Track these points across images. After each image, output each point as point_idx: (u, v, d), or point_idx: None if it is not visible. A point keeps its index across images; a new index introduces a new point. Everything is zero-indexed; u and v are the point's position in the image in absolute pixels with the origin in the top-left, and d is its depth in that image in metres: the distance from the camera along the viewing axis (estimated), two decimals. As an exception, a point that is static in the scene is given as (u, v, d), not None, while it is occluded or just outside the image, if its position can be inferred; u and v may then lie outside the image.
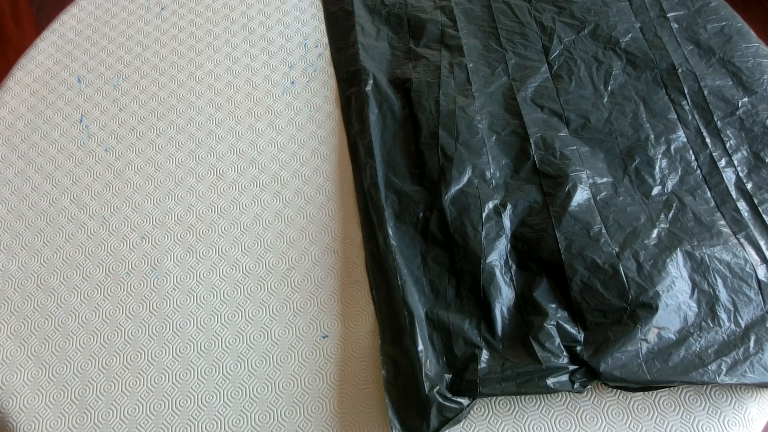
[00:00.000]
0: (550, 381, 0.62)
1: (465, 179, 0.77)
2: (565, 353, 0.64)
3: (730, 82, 0.86)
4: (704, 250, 0.69)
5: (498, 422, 0.64)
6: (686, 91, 0.85)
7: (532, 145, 0.80)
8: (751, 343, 0.64)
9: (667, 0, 0.97)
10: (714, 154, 0.79)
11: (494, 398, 0.65)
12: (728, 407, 0.63)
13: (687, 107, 0.84)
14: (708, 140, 0.81)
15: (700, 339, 0.64)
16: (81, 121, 0.91)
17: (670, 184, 0.77)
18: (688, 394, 0.64)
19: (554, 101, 0.85)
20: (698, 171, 0.78)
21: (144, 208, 0.82)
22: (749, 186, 0.76)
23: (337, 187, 0.82)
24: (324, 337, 0.71)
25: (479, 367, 0.64)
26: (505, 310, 0.68)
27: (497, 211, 0.74)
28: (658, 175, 0.77)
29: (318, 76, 0.94)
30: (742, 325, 0.65)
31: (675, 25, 0.94)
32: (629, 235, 0.71)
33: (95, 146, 0.89)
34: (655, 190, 0.76)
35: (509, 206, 0.74)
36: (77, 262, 0.78)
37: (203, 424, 0.67)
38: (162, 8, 1.04)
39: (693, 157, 0.79)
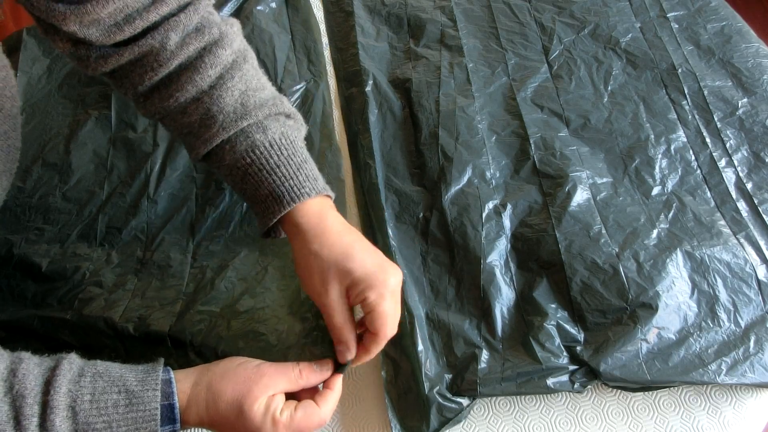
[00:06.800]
0: (550, 381, 0.62)
1: (465, 179, 0.77)
2: (565, 353, 0.64)
3: (730, 83, 0.86)
4: (704, 250, 0.69)
5: (498, 422, 0.64)
6: (686, 91, 0.85)
7: (532, 146, 0.80)
8: (751, 343, 0.64)
9: (667, 0, 0.97)
10: (714, 154, 0.79)
11: (494, 398, 0.65)
12: (728, 407, 0.63)
13: (687, 107, 0.84)
14: (708, 140, 0.81)
15: (700, 339, 0.64)
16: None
17: (670, 184, 0.77)
18: (688, 394, 0.64)
19: (554, 101, 0.85)
20: (698, 171, 0.78)
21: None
22: (749, 186, 0.76)
23: (337, 187, 0.82)
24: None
25: (479, 367, 0.64)
26: (505, 310, 0.68)
27: (497, 211, 0.74)
28: (658, 175, 0.77)
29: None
30: (742, 325, 0.65)
31: (675, 25, 0.94)
32: (629, 236, 0.71)
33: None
34: (655, 190, 0.76)
35: (509, 206, 0.74)
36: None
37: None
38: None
39: (693, 157, 0.79)
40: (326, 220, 0.59)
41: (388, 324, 0.56)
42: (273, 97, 0.63)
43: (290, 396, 0.55)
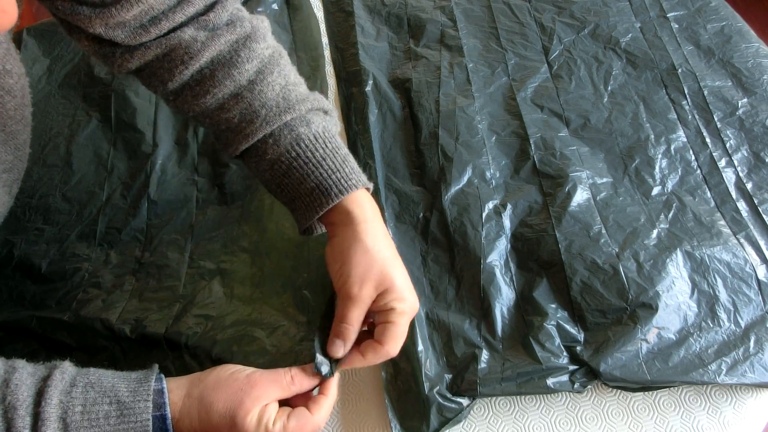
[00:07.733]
0: (550, 381, 0.62)
1: (465, 179, 0.77)
2: (565, 353, 0.64)
3: (730, 83, 0.86)
4: (704, 250, 0.69)
5: (498, 422, 0.64)
6: (686, 91, 0.85)
7: (532, 146, 0.80)
8: (751, 343, 0.64)
9: (667, 0, 0.97)
10: (714, 154, 0.79)
11: (494, 398, 0.65)
12: (728, 407, 0.63)
13: (687, 107, 0.84)
14: (708, 140, 0.81)
15: (700, 339, 0.64)
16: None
17: (670, 184, 0.77)
18: (688, 394, 0.64)
19: (554, 101, 0.85)
20: (698, 171, 0.78)
21: None
22: (749, 186, 0.76)
23: (337, 188, 0.82)
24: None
25: (479, 367, 0.64)
26: (505, 310, 0.68)
27: (497, 211, 0.74)
28: (658, 175, 0.77)
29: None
30: (742, 325, 0.65)
31: (675, 25, 0.94)
32: (629, 236, 0.71)
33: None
34: (655, 190, 0.76)
35: (509, 206, 0.74)
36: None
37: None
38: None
39: (693, 157, 0.79)
40: (376, 217, 0.60)
41: (397, 342, 0.56)
42: (311, 92, 0.63)
43: (284, 401, 0.55)
